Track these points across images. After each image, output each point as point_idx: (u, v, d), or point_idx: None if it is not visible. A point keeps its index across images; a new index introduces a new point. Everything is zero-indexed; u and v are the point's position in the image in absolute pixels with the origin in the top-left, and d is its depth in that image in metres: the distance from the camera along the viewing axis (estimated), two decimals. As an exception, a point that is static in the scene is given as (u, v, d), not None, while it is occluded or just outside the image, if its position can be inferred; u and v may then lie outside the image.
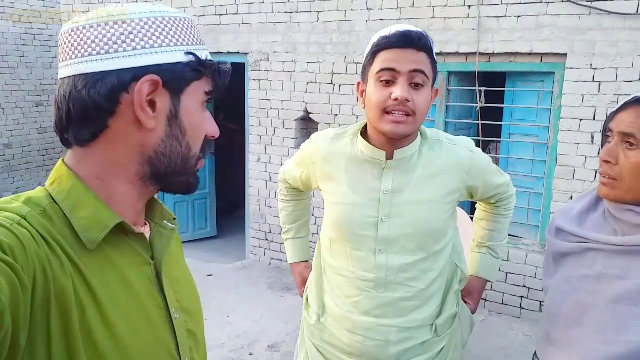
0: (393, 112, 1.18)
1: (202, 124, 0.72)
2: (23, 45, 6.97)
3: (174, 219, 0.81)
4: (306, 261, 1.70)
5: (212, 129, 0.75)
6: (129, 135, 0.65)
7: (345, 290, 1.35)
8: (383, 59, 1.18)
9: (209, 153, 0.77)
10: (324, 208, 1.44)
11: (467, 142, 1.36)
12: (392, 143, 1.26)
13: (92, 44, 0.62)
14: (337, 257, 1.37)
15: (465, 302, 1.51)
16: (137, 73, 0.63)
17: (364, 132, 1.34)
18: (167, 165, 0.69)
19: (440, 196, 1.29)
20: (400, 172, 1.28)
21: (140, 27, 0.64)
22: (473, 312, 1.54)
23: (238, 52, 4.43)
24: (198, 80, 0.69)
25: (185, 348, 0.74)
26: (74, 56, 0.63)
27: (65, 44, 0.64)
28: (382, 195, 1.28)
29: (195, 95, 0.69)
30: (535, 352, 1.25)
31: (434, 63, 1.22)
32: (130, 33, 0.63)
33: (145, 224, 0.76)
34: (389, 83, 1.18)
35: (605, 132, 1.06)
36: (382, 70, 1.18)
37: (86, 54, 0.62)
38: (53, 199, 0.64)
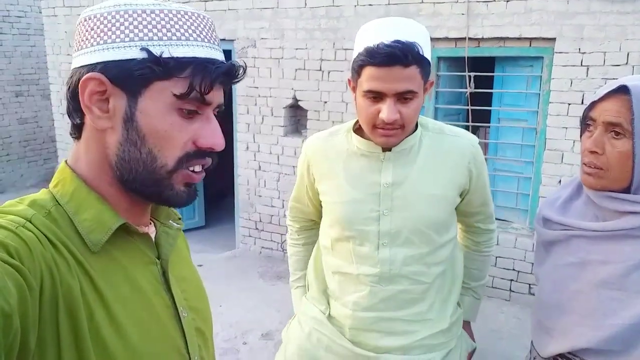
0: (382, 128, 1.17)
1: (169, 131, 0.63)
2: (0, 33, 6.77)
3: (179, 218, 0.80)
4: None
5: (205, 139, 0.65)
6: (97, 135, 0.65)
7: (349, 288, 1.33)
8: (368, 77, 1.13)
9: (203, 167, 0.68)
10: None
11: (471, 135, 1.35)
12: None
13: (75, 41, 0.65)
14: (340, 256, 1.35)
15: None
16: (89, 70, 0.62)
17: (358, 128, 1.32)
18: (129, 172, 0.64)
19: (442, 188, 1.27)
20: (400, 164, 1.26)
21: (99, 23, 0.62)
22: None
23: (224, 39, 4.35)
24: (163, 80, 0.61)
25: (194, 346, 0.74)
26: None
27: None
28: (383, 189, 1.26)
29: (158, 97, 0.62)
30: (532, 342, 1.27)
31: (425, 68, 1.14)
32: (92, 29, 0.63)
33: (150, 224, 0.75)
34: (376, 99, 1.15)
35: (585, 120, 1.05)
36: (368, 90, 1.14)
37: (73, 50, 0.67)
38: (57, 201, 0.64)
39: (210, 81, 0.63)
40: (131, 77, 0.61)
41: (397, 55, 1.08)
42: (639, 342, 0.98)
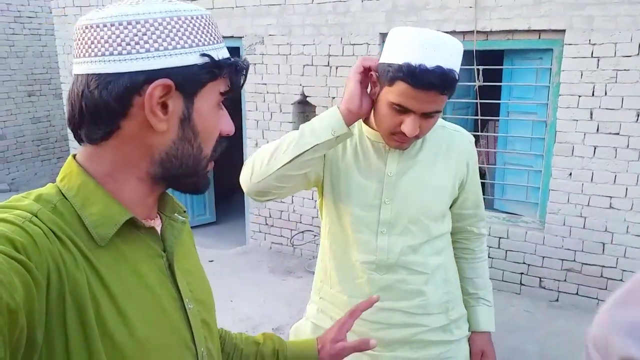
0: (400, 135, 1.18)
1: (215, 124, 0.71)
2: (12, 34, 6.86)
3: (185, 211, 0.81)
4: None
5: (226, 127, 0.74)
6: (141, 137, 0.65)
7: (348, 274, 1.35)
8: (401, 93, 1.11)
9: (220, 152, 0.76)
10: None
11: (468, 133, 1.39)
12: None
13: (105, 44, 0.61)
14: (339, 242, 1.37)
15: None
16: (150, 76, 0.61)
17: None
18: (177, 167, 0.68)
19: (444, 180, 1.31)
20: (404, 155, 1.29)
21: (154, 29, 0.62)
22: None
23: (232, 36, 4.37)
24: (213, 81, 0.67)
25: (200, 337, 0.75)
26: (87, 54, 0.62)
27: (79, 40, 0.63)
28: (387, 178, 1.29)
29: (209, 97, 0.68)
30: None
31: (455, 88, 1.15)
32: (144, 34, 0.61)
33: (156, 217, 0.76)
34: (401, 112, 1.15)
35: None
36: (397, 104, 1.14)
37: (99, 53, 0.61)
38: (63, 195, 0.64)
39: (243, 76, 0.71)
40: (192, 81, 0.65)
41: (436, 84, 1.08)
42: None
